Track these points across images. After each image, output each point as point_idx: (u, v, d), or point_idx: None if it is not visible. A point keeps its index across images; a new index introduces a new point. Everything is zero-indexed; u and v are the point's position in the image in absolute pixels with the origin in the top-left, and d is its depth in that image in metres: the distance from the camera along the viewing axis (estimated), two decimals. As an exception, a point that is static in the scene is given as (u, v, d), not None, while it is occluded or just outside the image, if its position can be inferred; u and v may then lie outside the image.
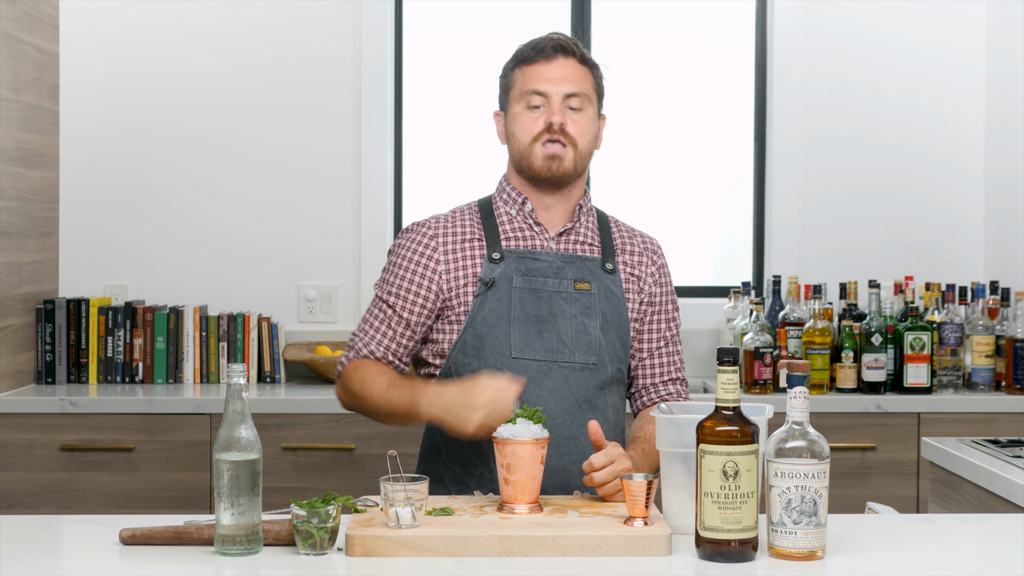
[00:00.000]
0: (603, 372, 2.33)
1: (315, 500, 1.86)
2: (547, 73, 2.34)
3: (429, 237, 2.37)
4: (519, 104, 2.36)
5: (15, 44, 3.73)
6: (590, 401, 2.32)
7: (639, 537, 1.84)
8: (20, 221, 3.78)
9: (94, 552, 1.87)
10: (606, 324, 2.34)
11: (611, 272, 2.39)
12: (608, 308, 2.36)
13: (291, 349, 3.97)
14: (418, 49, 4.33)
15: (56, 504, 3.56)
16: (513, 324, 2.29)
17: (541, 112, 2.34)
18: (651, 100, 4.41)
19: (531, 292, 2.32)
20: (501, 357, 2.28)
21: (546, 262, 2.34)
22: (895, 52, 4.28)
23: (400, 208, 4.30)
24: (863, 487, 3.63)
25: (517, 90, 2.36)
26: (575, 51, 2.39)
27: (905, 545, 1.94)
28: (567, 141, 2.34)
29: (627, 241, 2.45)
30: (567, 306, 2.33)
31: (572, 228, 2.40)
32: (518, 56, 2.39)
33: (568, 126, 2.34)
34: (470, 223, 2.39)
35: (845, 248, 4.27)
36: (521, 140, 2.35)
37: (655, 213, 4.41)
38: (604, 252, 2.40)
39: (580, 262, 2.37)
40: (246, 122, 4.17)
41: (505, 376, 2.15)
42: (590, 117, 2.39)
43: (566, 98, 2.35)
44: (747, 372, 3.76)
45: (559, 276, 2.34)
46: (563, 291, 2.33)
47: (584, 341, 2.32)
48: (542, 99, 2.34)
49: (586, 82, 2.39)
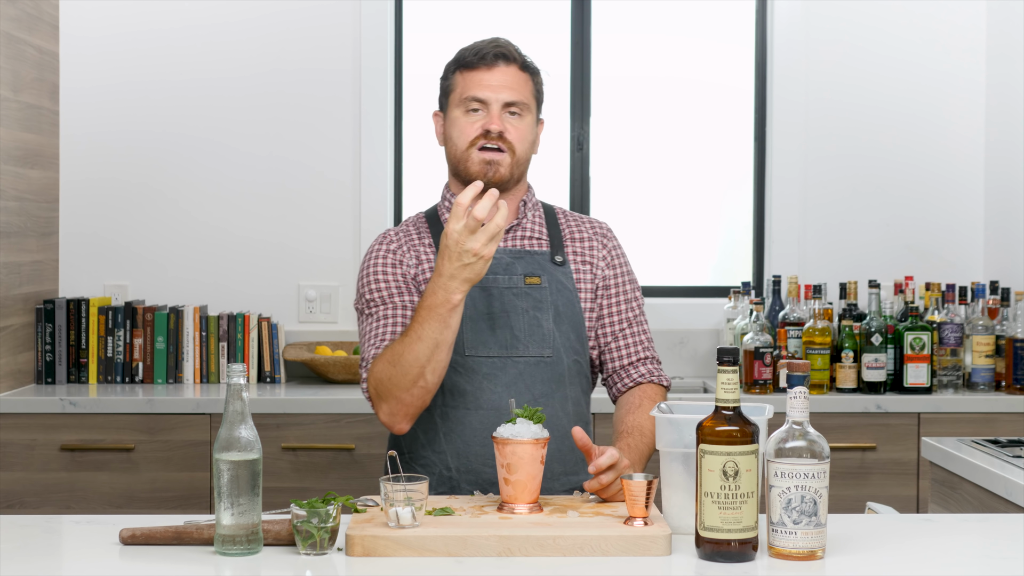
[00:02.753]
0: (559, 365, 2.34)
1: (315, 500, 1.86)
2: (488, 80, 2.35)
3: (389, 242, 2.42)
4: (458, 109, 2.37)
5: (15, 44, 3.73)
6: (547, 395, 2.32)
7: (639, 537, 1.84)
8: (20, 221, 3.78)
9: (94, 552, 1.87)
10: (559, 316, 2.36)
11: (560, 264, 2.41)
12: (560, 300, 2.37)
13: (291, 349, 3.97)
14: (418, 49, 4.33)
15: (56, 504, 3.56)
16: (465, 323, 2.31)
17: (479, 118, 2.35)
18: (651, 100, 4.41)
19: (482, 290, 2.34)
20: (454, 355, 2.30)
21: (495, 259, 2.36)
22: (895, 52, 4.28)
23: (400, 208, 4.30)
24: (863, 487, 3.63)
25: (457, 95, 2.38)
26: (516, 58, 2.39)
27: (905, 545, 1.94)
28: (505, 147, 2.35)
29: (575, 229, 2.47)
30: (518, 301, 2.34)
31: (519, 224, 2.43)
32: (459, 60, 2.40)
33: (507, 133, 2.35)
34: (418, 231, 2.44)
35: (845, 248, 4.27)
36: (458, 144, 2.37)
37: (655, 213, 4.42)
38: (552, 245, 2.43)
39: (529, 256, 2.39)
40: (246, 122, 4.17)
41: (456, 209, 2.10)
42: (528, 124, 2.39)
43: (505, 106, 2.36)
44: (747, 372, 3.76)
45: (508, 272, 2.36)
46: (513, 287, 2.36)
47: (537, 335, 2.33)
48: (482, 105, 2.35)
49: (526, 89, 2.39)
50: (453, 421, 2.30)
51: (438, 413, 2.32)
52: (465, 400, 2.30)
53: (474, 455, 2.30)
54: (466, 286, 2.13)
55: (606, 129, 4.38)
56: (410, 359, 2.17)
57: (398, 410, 2.23)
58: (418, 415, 2.27)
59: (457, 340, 2.29)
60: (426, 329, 2.16)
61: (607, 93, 4.38)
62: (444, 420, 2.32)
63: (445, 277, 2.13)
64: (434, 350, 2.16)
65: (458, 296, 2.14)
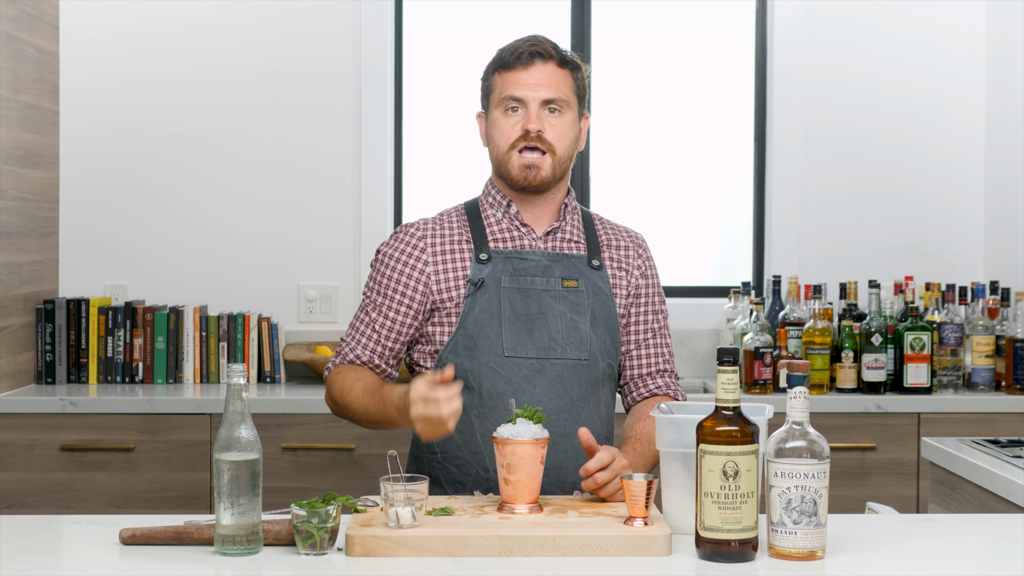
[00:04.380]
0: (595, 368, 2.35)
1: (315, 500, 1.86)
2: (525, 79, 2.35)
3: (417, 239, 2.39)
4: (498, 109, 2.37)
5: (15, 44, 3.73)
6: (584, 397, 2.33)
7: (639, 537, 1.84)
8: (20, 221, 3.78)
9: (94, 552, 1.87)
10: (595, 320, 2.36)
11: (598, 268, 2.41)
12: (596, 304, 2.37)
13: (291, 349, 3.97)
14: (418, 49, 4.33)
15: (56, 504, 3.56)
16: (504, 323, 2.31)
17: (519, 118, 2.35)
18: (651, 100, 4.41)
19: (520, 291, 2.34)
20: (494, 356, 2.30)
21: (533, 261, 2.36)
22: (895, 52, 4.28)
23: (400, 208, 4.30)
24: (863, 487, 3.63)
25: (496, 95, 2.38)
26: (554, 54, 2.38)
27: (905, 545, 1.94)
28: (545, 148, 2.34)
29: (612, 237, 2.48)
30: (556, 304, 2.34)
31: (559, 227, 2.42)
32: (497, 60, 2.40)
33: (546, 132, 2.34)
34: (458, 225, 2.41)
35: (845, 248, 4.27)
36: (499, 146, 2.37)
37: (655, 213, 4.42)
38: (590, 249, 2.42)
39: (567, 260, 2.39)
40: (246, 122, 4.17)
41: (424, 380, 2.07)
42: (569, 121, 2.38)
43: (544, 104, 2.35)
44: (747, 372, 3.76)
45: (546, 275, 2.36)
46: (551, 289, 2.35)
47: (575, 338, 2.33)
48: (520, 105, 2.35)
49: (565, 86, 2.38)
50: (491, 422, 2.29)
51: (475, 414, 2.31)
52: (504, 402, 2.29)
53: None
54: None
55: (606, 129, 4.38)
56: (353, 410, 2.33)
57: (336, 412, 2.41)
58: None
59: (496, 341, 2.30)
60: (372, 411, 2.27)
61: (607, 93, 4.39)
62: (481, 421, 2.30)
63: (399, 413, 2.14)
64: (373, 425, 2.32)
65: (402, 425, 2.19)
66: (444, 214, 2.45)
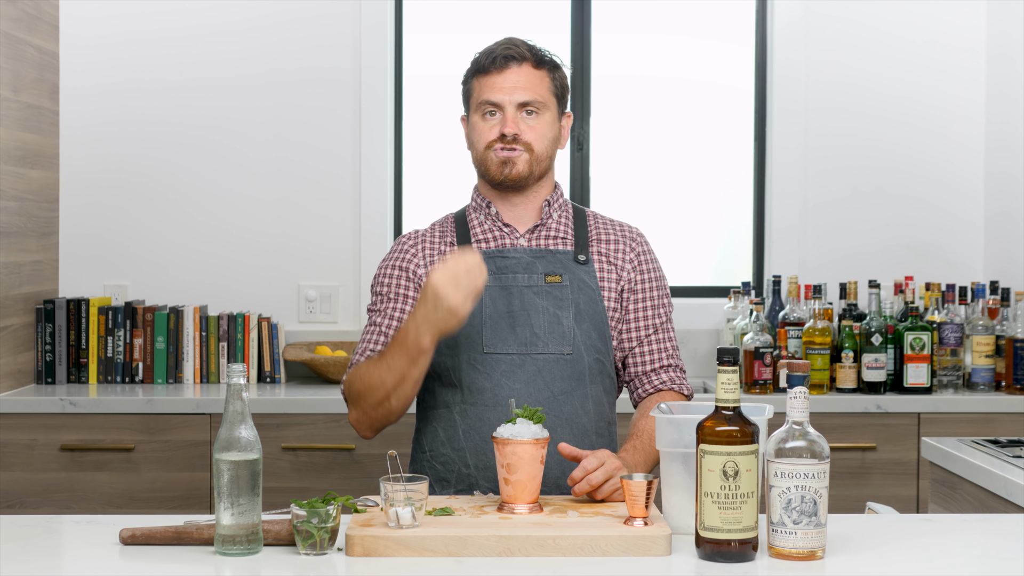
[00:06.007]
0: (579, 363, 2.35)
1: (315, 500, 1.86)
2: (500, 83, 2.38)
3: (410, 245, 2.45)
4: (476, 114, 2.42)
5: (15, 44, 3.73)
6: (567, 392, 2.33)
7: (639, 537, 1.84)
8: (20, 221, 3.78)
9: (94, 552, 1.87)
10: (580, 314, 2.36)
11: (583, 263, 2.41)
12: (582, 299, 2.37)
13: (291, 349, 3.97)
14: (418, 49, 4.33)
15: (56, 504, 3.56)
16: (484, 320, 2.33)
17: (496, 120, 2.39)
18: (651, 100, 4.41)
19: (502, 289, 2.36)
20: (473, 353, 2.32)
21: (514, 258, 2.39)
22: (895, 52, 4.28)
23: (400, 208, 4.30)
24: (863, 487, 3.63)
25: (474, 99, 2.42)
26: (528, 56, 2.40)
27: (905, 545, 1.94)
28: (522, 147, 2.37)
29: (603, 232, 2.48)
30: (538, 299, 2.36)
31: (543, 223, 2.44)
32: (474, 65, 2.44)
33: (523, 134, 2.38)
34: (447, 232, 2.46)
35: (845, 248, 4.27)
36: (477, 147, 2.42)
37: (655, 213, 4.41)
38: (577, 244, 2.43)
39: (551, 256, 2.40)
40: (246, 122, 4.17)
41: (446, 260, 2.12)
42: (547, 121, 2.40)
43: (520, 107, 2.38)
44: (747, 372, 3.76)
45: (529, 271, 2.38)
46: (534, 285, 2.37)
47: (557, 332, 2.34)
48: (497, 108, 2.38)
49: (542, 87, 2.40)
50: (472, 418, 2.31)
51: (457, 410, 2.33)
52: (484, 397, 2.31)
53: (492, 452, 2.30)
54: (437, 335, 2.15)
55: (606, 129, 4.38)
56: (377, 382, 2.25)
57: (363, 420, 2.33)
58: (384, 428, 2.34)
59: (476, 337, 2.32)
60: (395, 361, 2.21)
61: (607, 93, 4.38)
62: (463, 417, 2.32)
63: (418, 321, 2.14)
64: (400, 382, 2.22)
65: (427, 340, 2.16)
66: (436, 223, 2.51)
